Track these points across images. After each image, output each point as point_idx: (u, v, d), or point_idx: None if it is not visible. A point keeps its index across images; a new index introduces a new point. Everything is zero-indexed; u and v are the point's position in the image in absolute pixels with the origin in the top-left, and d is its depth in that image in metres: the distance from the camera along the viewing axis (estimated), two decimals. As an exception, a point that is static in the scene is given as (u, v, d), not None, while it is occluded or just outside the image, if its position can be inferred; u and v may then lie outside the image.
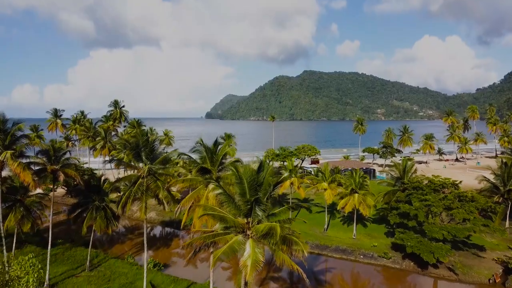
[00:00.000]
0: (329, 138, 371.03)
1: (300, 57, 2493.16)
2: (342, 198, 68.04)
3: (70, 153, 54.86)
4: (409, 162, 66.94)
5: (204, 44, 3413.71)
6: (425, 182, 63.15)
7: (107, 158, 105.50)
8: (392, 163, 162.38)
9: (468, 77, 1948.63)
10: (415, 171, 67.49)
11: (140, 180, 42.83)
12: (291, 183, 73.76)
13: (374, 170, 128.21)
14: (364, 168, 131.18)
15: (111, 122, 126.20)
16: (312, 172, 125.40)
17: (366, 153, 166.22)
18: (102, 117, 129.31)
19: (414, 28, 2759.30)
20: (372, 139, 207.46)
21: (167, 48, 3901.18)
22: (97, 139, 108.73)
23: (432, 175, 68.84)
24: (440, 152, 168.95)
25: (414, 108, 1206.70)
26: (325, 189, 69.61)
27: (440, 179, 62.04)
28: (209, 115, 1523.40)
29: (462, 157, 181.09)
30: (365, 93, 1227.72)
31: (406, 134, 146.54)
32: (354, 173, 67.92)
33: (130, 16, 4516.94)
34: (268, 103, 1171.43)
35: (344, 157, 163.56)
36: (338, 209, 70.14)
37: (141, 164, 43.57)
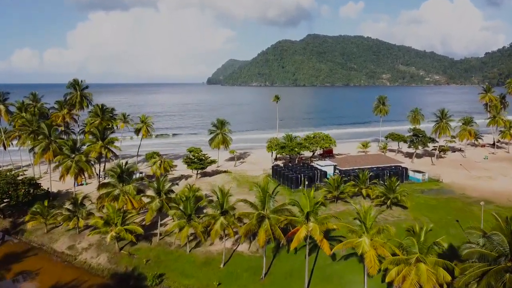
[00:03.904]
0: (338, 110, 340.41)
1: (302, 20, 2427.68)
2: (396, 264, 40.68)
3: None
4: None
5: (203, 5, 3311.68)
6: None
7: (53, 165, 77.89)
8: (421, 150, 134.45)
9: (476, 40, 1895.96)
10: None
11: None
12: (309, 231, 46.09)
13: (406, 169, 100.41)
14: (394, 166, 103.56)
15: (65, 110, 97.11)
16: (329, 176, 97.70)
17: (389, 140, 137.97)
18: (55, 103, 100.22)
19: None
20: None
21: (165, 10, 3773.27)
22: (39, 137, 79.96)
23: None
24: (476, 136, 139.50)
25: (421, 73, 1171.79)
26: (366, 250, 41.98)
27: None
28: (210, 81, 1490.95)
29: (499, 141, 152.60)
30: (370, 58, 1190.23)
31: (444, 120, 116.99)
32: (416, 227, 39.98)
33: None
34: (271, 68, 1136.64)
35: (363, 145, 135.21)
36: (386, 281, 42.66)
37: None
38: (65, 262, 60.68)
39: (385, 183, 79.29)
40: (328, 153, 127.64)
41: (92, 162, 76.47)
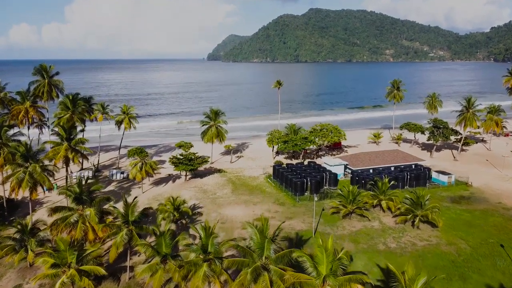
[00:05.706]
0: (344, 90, 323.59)
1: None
2: None
3: None
4: None
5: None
6: None
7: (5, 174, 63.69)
8: (440, 140, 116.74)
9: (480, 15, 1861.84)
10: None
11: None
12: (327, 302, 32.28)
13: (429, 169, 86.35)
14: (414, 165, 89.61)
15: (28, 103, 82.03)
16: (340, 177, 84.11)
17: (404, 130, 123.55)
18: (16, 93, 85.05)
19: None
20: (381, 87, 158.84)
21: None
22: (-13, 141, 65.37)
23: None
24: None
25: (425, 49, 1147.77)
26: None
27: None
28: (210, 57, 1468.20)
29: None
30: (374, 33, 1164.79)
31: (471, 110, 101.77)
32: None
33: None
34: (272, 44, 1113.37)
35: (374, 135, 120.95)
36: None
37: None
38: (8, 311, 47.28)
39: (406, 189, 65.26)
40: (336, 146, 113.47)
41: (53, 172, 62.02)
